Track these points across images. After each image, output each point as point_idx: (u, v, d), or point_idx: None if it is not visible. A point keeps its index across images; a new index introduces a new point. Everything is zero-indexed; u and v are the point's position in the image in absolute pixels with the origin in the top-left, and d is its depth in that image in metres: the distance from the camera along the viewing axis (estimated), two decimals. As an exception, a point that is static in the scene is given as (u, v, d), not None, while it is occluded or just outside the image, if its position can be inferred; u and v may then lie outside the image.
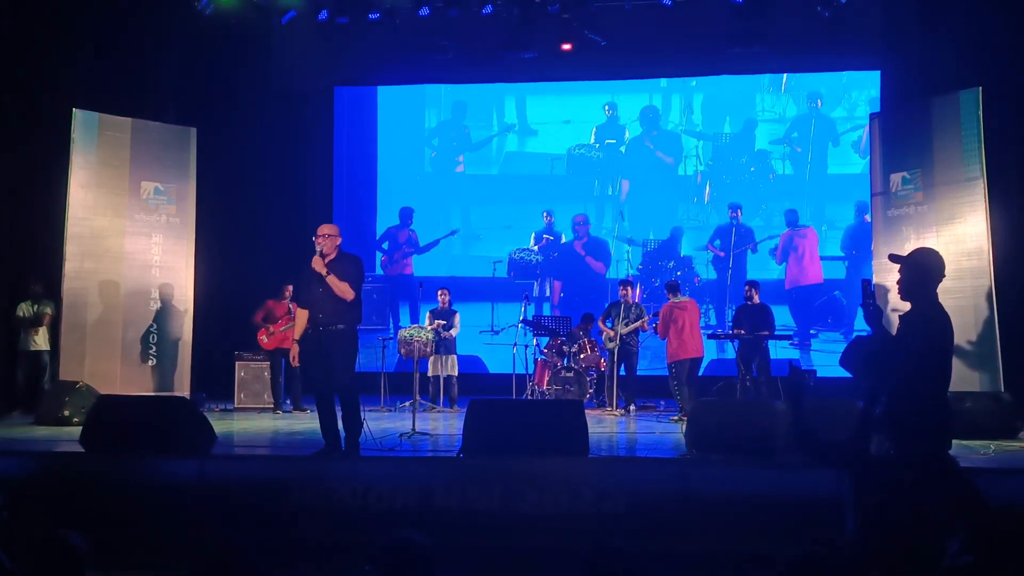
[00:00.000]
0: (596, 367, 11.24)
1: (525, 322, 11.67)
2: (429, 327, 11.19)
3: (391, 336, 11.66)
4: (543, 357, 11.57)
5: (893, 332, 4.48)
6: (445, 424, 9.91)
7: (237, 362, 11.39)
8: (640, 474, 6.64)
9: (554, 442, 6.85)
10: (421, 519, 6.13)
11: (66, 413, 9.39)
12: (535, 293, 13.74)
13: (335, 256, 7.14)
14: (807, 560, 2.96)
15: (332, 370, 7.06)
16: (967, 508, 3.87)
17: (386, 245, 14.48)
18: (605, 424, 9.94)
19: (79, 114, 10.49)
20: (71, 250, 10.33)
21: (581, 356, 11.18)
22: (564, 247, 14.17)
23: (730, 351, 10.83)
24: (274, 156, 13.69)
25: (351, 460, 6.97)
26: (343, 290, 7.00)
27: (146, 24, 11.90)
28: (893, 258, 4.51)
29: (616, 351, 10.91)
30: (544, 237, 14.16)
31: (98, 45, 11.49)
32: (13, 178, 11.08)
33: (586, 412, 7.44)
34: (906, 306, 4.46)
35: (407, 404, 10.37)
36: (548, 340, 11.65)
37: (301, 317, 7.33)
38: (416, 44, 12.42)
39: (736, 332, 10.41)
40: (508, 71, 13.47)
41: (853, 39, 12.43)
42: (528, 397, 11.08)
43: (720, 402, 9.23)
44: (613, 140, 14.30)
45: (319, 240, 7.11)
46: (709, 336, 11.27)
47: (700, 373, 10.74)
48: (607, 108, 14.31)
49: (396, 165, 14.75)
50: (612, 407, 10.83)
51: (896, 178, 9.99)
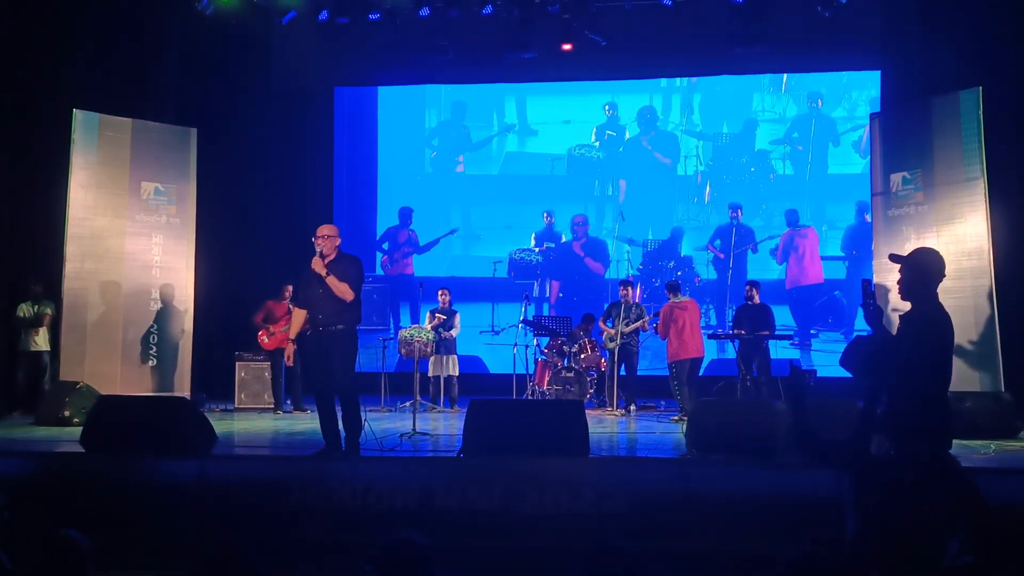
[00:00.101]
0: (596, 367, 11.24)
1: (525, 322, 11.67)
2: (429, 324, 11.19)
3: (391, 336, 11.67)
4: (543, 357, 11.57)
5: (893, 332, 4.48)
6: (445, 424, 9.91)
7: (237, 362, 11.39)
8: (640, 474, 6.64)
9: (554, 442, 6.85)
10: (421, 519, 6.13)
11: (66, 413, 9.40)
12: (535, 293, 13.74)
13: (335, 257, 7.15)
14: (807, 560, 2.95)
15: (332, 370, 7.07)
16: (967, 508, 3.86)
17: (386, 245, 14.48)
18: (605, 424, 9.94)
19: (79, 114, 10.50)
20: (71, 250, 10.34)
21: (581, 356, 11.18)
22: (563, 247, 14.17)
23: (730, 351, 10.83)
24: (274, 156, 13.70)
25: (351, 460, 6.97)
26: (343, 291, 7.01)
27: (146, 24, 11.91)
28: (893, 258, 4.51)
29: (616, 351, 10.91)
30: (544, 244, 14.16)
31: (98, 45, 11.49)
32: (13, 178, 11.09)
33: (586, 412, 7.44)
34: (906, 306, 4.46)
35: (407, 404, 10.37)
36: (548, 340, 11.65)
37: (298, 317, 7.43)
38: (416, 44, 12.42)
39: (736, 332, 10.41)
40: (508, 71, 13.47)
41: (853, 39, 12.45)
42: (528, 397, 11.08)
43: (720, 402, 9.21)
44: (614, 132, 14.28)
45: (318, 241, 7.12)
46: (709, 336, 11.27)
47: (700, 373, 10.73)
48: (607, 108, 14.31)
49: (396, 165, 14.75)
50: (612, 407, 10.83)
51: (896, 178, 9.98)
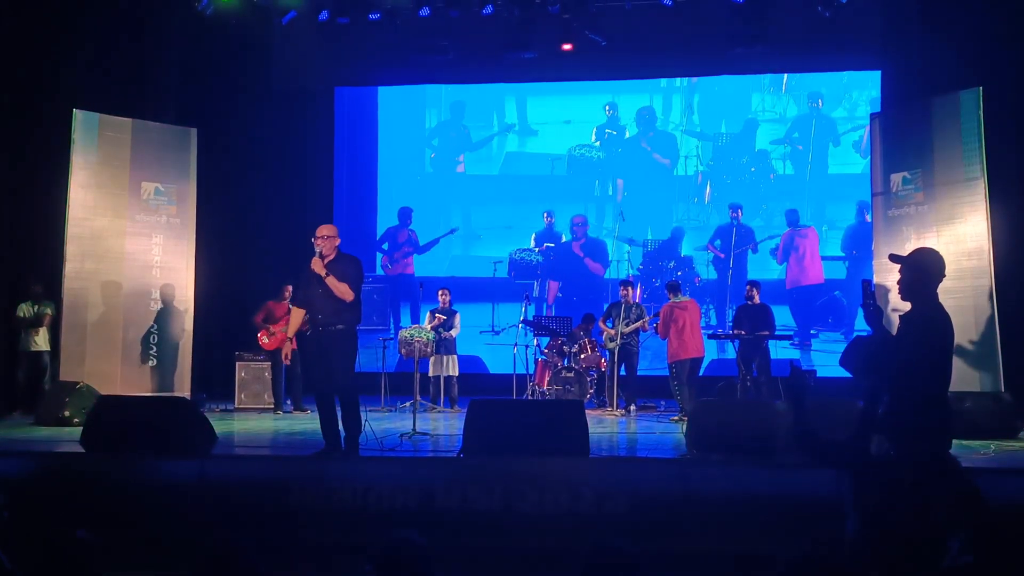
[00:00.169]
0: (597, 367, 11.23)
1: (526, 322, 11.66)
2: (429, 325, 11.19)
3: (391, 336, 11.67)
4: (544, 357, 11.57)
5: (893, 332, 4.47)
6: (446, 424, 9.91)
7: (237, 362, 11.39)
8: (640, 474, 6.64)
9: (554, 442, 6.85)
10: (422, 519, 6.13)
11: (66, 413, 9.40)
12: (535, 293, 13.74)
13: (334, 257, 7.15)
14: (808, 560, 2.95)
15: (332, 370, 7.07)
16: (967, 508, 3.86)
17: (386, 246, 14.47)
18: (605, 424, 9.94)
19: (79, 114, 10.49)
20: (71, 250, 10.33)
21: (582, 356, 11.18)
22: (562, 248, 14.17)
23: (730, 351, 10.83)
24: (274, 156, 13.69)
25: (351, 460, 6.97)
26: (342, 291, 7.01)
27: (146, 24, 11.90)
28: (893, 258, 4.51)
29: (616, 351, 10.91)
30: (544, 244, 14.16)
31: (98, 45, 11.49)
32: (13, 179, 11.08)
33: (586, 412, 7.45)
34: (906, 306, 4.46)
35: (407, 404, 10.37)
36: (548, 340, 11.65)
37: (296, 316, 7.47)
38: (416, 44, 12.41)
39: (736, 332, 10.40)
40: (509, 71, 13.46)
41: (853, 39, 12.44)
42: (528, 397, 11.08)
43: (720, 402, 9.20)
44: (614, 132, 14.28)
45: (318, 241, 7.12)
46: (710, 336, 11.26)
47: (700, 373, 10.73)
48: (607, 108, 14.31)
49: (396, 165, 14.75)
50: (612, 407, 10.82)
51: (897, 178, 9.98)
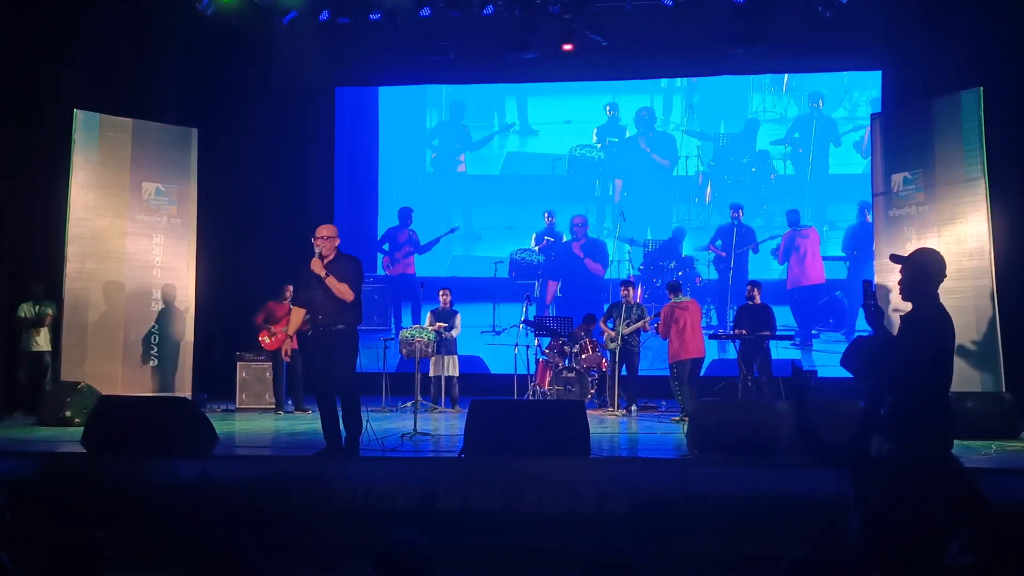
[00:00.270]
0: (598, 367, 11.23)
1: (526, 322, 11.66)
2: (430, 328, 11.19)
3: (392, 336, 11.66)
4: (544, 357, 11.57)
5: (894, 332, 4.47)
6: (446, 424, 9.91)
7: (239, 362, 11.39)
8: (642, 475, 6.64)
9: (555, 442, 6.85)
10: (422, 520, 6.13)
11: (67, 414, 9.40)
12: (536, 293, 13.74)
13: (334, 257, 7.15)
14: (809, 560, 2.96)
15: (333, 370, 7.07)
16: (968, 508, 3.86)
17: (387, 246, 14.47)
18: (606, 424, 9.94)
19: (80, 115, 10.50)
20: (72, 251, 10.33)
21: (583, 356, 11.17)
22: (562, 248, 14.17)
23: (731, 351, 10.83)
24: (275, 157, 13.70)
25: (352, 461, 6.97)
26: (342, 291, 7.01)
27: (147, 24, 11.90)
28: (894, 258, 4.50)
29: (617, 351, 10.91)
30: (545, 238, 14.15)
31: (98, 45, 11.49)
32: (14, 179, 11.07)
33: (587, 412, 7.44)
34: (907, 306, 4.46)
35: (408, 404, 10.37)
36: (550, 340, 11.64)
37: (296, 315, 7.50)
38: (417, 45, 12.42)
39: (737, 332, 10.40)
40: (509, 72, 13.47)
41: (854, 39, 12.45)
42: (529, 397, 11.08)
43: (721, 402, 9.20)
44: (615, 139, 14.29)
45: (317, 242, 7.12)
46: (710, 336, 11.25)
47: (701, 373, 10.71)
48: (608, 108, 14.30)
49: (397, 166, 14.75)
50: (613, 407, 10.82)
51: (897, 178, 9.98)
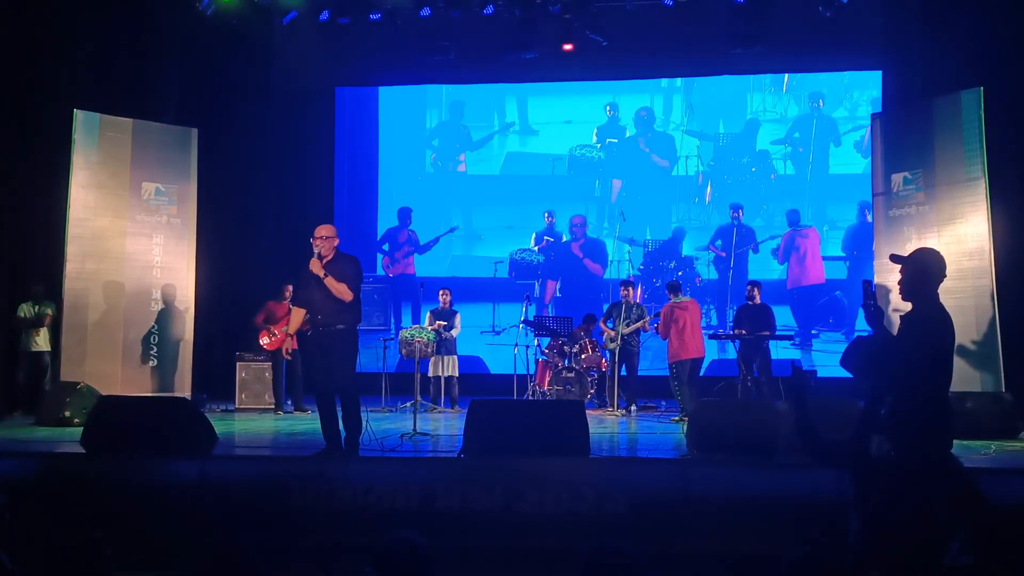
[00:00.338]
0: (597, 367, 11.23)
1: (526, 322, 11.66)
2: (429, 327, 11.19)
3: (392, 336, 11.66)
4: (544, 357, 11.57)
5: (894, 332, 4.47)
6: (446, 425, 9.90)
7: (238, 363, 11.38)
8: (641, 475, 6.64)
9: (555, 442, 6.85)
10: (422, 520, 6.13)
11: (67, 414, 9.40)
12: (536, 293, 13.74)
13: (332, 257, 7.15)
14: (809, 560, 2.95)
15: (333, 370, 7.07)
16: (968, 508, 3.86)
17: (386, 247, 14.47)
18: (606, 424, 9.94)
19: (80, 115, 10.50)
20: (72, 251, 10.33)
21: (582, 356, 11.17)
22: (561, 248, 14.17)
23: (731, 351, 10.83)
24: (275, 157, 13.70)
25: (352, 461, 6.97)
26: (341, 291, 7.01)
27: (147, 24, 11.90)
28: (894, 258, 4.50)
29: (617, 351, 10.90)
30: (545, 239, 14.15)
31: (98, 45, 11.48)
32: (14, 179, 11.07)
33: (587, 412, 7.45)
34: (907, 306, 4.45)
35: (408, 404, 10.36)
36: (549, 340, 11.64)
37: (297, 315, 7.51)
38: (417, 45, 12.42)
39: (737, 332, 10.40)
40: (509, 71, 13.47)
41: (854, 39, 12.45)
42: (529, 397, 11.08)
43: (721, 402, 9.20)
44: (615, 139, 14.29)
45: (316, 242, 7.12)
46: (710, 336, 11.25)
47: (701, 373, 10.71)
48: (608, 108, 14.30)
49: (397, 166, 14.75)
50: (613, 407, 10.82)
51: (897, 178, 9.98)
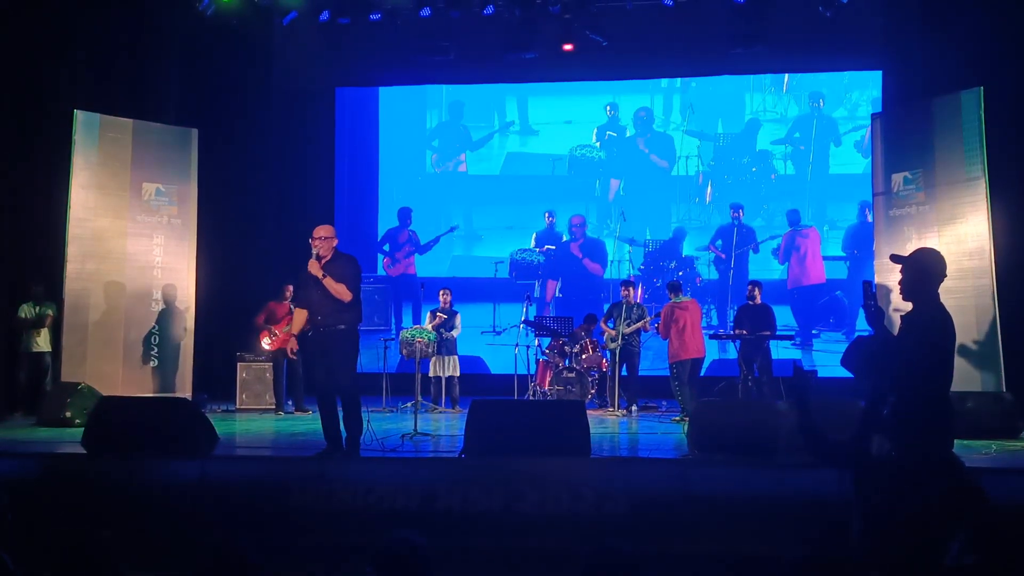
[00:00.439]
0: (598, 367, 11.23)
1: (527, 322, 11.65)
2: (429, 323, 11.19)
3: (393, 337, 11.66)
4: (545, 358, 11.56)
5: (895, 332, 4.47)
6: (447, 425, 9.90)
7: (239, 363, 11.38)
8: (642, 475, 6.64)
9: (556, 443, 6.86)
10: (423, 520, 6.13)
11: (68, 414, 9.40)
12: (536, 294, 13.74)
13: (331, 257, 7.15)
14: (810, 561, 2.95)
15: (333, 371, 7.08)
16: (969, 508, 3.86)
17: (387, 247, 14.47)
18: (607, 424, 9.94)
19: (80, 115, 10.50)
20: (72, 251, 10.34)
21: (583, 356, 11.17)
22: (561, 248, 14.17)
23: (732, 351, 10.83)
24: (275, 157, 13.69)
25: (352, 461, 6.97)
26: (340, 291, 7.01)
27: (147, 24, 11.90)
28: (894, 258, 4.50)
29: (618, 351, 10.90)
30: (546, 246, 14.15)
31: (98, 45, 11.49)
32: (15, 179, 11.07)
33: (588, 412, 7.45)
34: (908, 306, 4.45)
35: (409, 405, 10.37)
36: (550, 340, 11.64)
37: (299, 316, 7.47)
38: (417, 45, 12.41)
39: (738, 332, 10.40)
40: (509, 72, 13.47)
41: (855, 39, 12.45)
42: (530, 398, 11.08)
43: (722, 402, 9.19)
44: (614, 133, 14.28)
45: (315, 243, 7.13)
46: (711, 336, 11.24)
47: (702, 373, 10.71)
48: (608, 108, 14.30)
49: (397, 166, 14.74)
50: (614, 407, 10.82)
51: (898, 178, 9.98)
